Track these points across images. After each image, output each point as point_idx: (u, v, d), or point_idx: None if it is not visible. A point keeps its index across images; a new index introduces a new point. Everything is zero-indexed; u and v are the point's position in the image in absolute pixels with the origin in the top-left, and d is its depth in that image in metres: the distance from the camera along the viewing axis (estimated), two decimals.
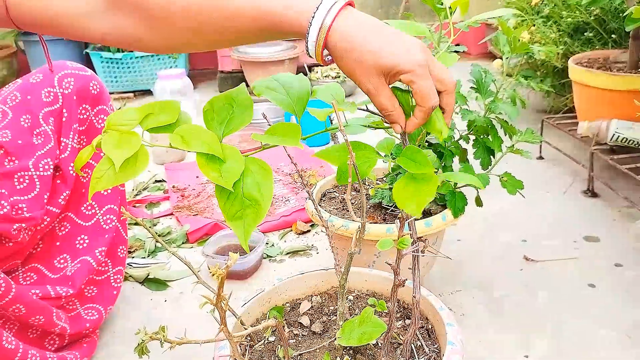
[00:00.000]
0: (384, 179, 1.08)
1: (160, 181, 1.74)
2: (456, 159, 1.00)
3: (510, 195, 0.95)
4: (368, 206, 1.06)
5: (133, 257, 1.28)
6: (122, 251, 1.00)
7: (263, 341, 0.72)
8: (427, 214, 1.00)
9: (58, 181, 0.89)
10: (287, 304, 0.80)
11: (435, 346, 0.70)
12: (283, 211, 1.46)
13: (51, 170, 0.86)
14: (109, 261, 0.99)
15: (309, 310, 0.78)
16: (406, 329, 0.73)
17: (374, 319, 0.62)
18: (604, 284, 1.10)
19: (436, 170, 1.04)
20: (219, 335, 0.58)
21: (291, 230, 1.39)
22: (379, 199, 1.03)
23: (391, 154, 0.66)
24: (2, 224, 0.76)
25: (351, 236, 0.94)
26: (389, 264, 0.59)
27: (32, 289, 0.81)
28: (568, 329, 0.98)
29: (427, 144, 0.99)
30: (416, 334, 0.71)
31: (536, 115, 2.02)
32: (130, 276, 1.18)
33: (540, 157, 1.74)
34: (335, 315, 0.76)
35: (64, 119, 0.89)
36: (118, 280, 1.00)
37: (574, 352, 0.92)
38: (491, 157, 0.96)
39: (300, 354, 0.70)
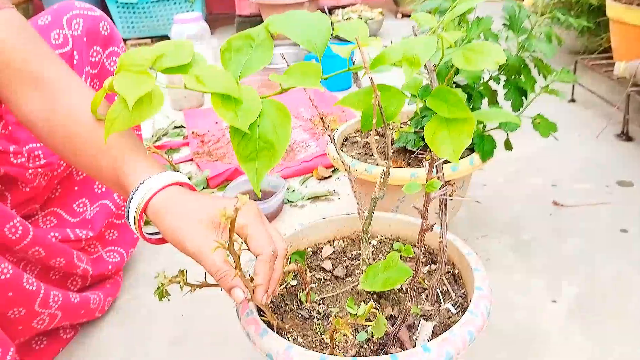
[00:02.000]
0: (409, 122, 1.04)
1: (179, 127, 1.72)
2: (485, 102, 0.95)
3: (539, 140, 0.91)
4: (392, 150, 1.02)
5: None
6: None
7: (284, 285, 0.71)
8: None
9: None
10: (309, 249, 0.79)
11: (462, 291, 0.68)
12: (304, 157, 1.44)
13: None
14: None
15: (331, 254, 0.77)
16: (431, 275, 0.71)
17: (399, 264, 0.60)
18: (638, 229, 1.06)
19: None
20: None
21: (312, 176, 1.37)
22: (404, 143, 0.99)
23: (419, 95, 0.62)
24: (18, 169, 0.75)
25: (374, 181, 0.91)
26: (416, 208, 0.56)
27: (52, 232, 0.81)
28: (599, 274, 0.95)
29: (454, 84, 0.95)
30: (442, 279, 0.69)
31: (568, 57, 1.93)
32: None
33: (572, 100, 1.66)
34: (358, 260, 0.75)
35: (75, 62, 0.86)
36: None
37: (606, 298, 0.90)
38: (523, 98, 0.91)
39: (322, 298, 0.69)
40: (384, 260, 0.62)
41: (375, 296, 0.68)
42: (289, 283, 0.71)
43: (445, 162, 0.96)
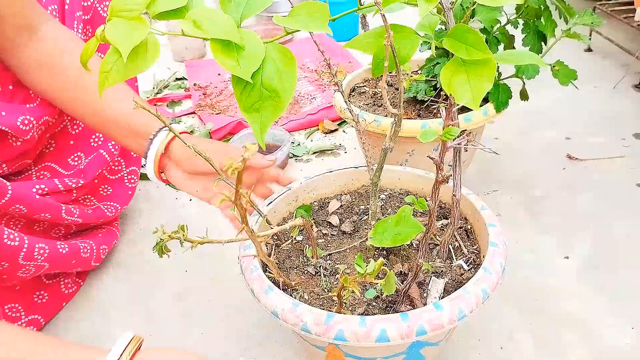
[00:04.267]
0: (419, 70, 0.99)
1: (181, 79, 1.67)
2: (501, 48, 0.90)
3: (554, 90, 0.86)
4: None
5: None
6: None
7: (290, 240, 0.69)
8: (466, 108, 0.92)
9: None
10: (315, 203, 0.76)
11: (475, 247, 0.65)
12: (309, 109, 1.39)
13: None
14: (122, 161, 0.96)
15: (338, 209, 0.74)
16: (443, 230, 0.68)
17: (410, 219, 0.58)
18: None
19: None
20: (243, 234, 0.54)
21: (318, 129, 1.33)
22: (414, 92, 0.95)
23: (434, 36, 0.57)
24: (9, 118, 0.72)
25: (383, 133, 0.88)
26: (432, 158, 0.52)
27: (37, 184, 0.78)
28: (613, 230, 0.92)
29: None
30: (454, 235, 0.67)
31: (586, 4, 1.84)
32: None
33: (589, 49, 1.59)
34: (367, 215, 0.72)
35: (66, 7, 0.81)
36: (132, 181, 0.98)
37: (619, 254, 0.87)
38: (542, 43, 0.86)
39: (329, 254, 0.67)
40: (394, 215, 0.59)
41: (384, 252, 0.65)
42: (295, 238, 0.69)
43: (460, 110, 0.91)
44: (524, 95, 0.90)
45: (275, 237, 0.69)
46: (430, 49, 0.93)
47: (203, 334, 0.79)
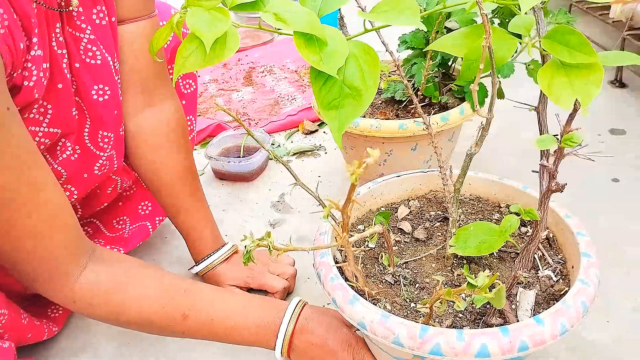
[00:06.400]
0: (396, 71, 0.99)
1: None
2: None
3: (531, 89, 0.86)
4: (379, 101, 0.98)
5: None
6: None
7: (362, 247, 0.65)
8: (443, 107, 0.92)
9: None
10: (382, 208, 0.73)
11: (559, 257, 0.62)
12: (289, 110, 1.39)
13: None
14: None
15: (407, 215, 0.71)
16: (522, 238, 0.66)
17: (492, 227, 0.55)
18: (630, 178, 1.04)
19: (455, 58, 0.94)
20: (321, 242, 0.55)
21: (298, 130, 1.32)
22: (392, 93, 0.95)
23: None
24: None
25: (361, 134, 0.88)
26: (545, 165, 0.50)
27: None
28: (591, 224, 0.93)
29: (445, 29, 0.89)
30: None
31: (562, 2, 1.86)
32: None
33: None
34: (439, 221, 0.69)
35: None
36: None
37: (598, 248, 0.88)
38: (518, 43, 0.86)
39: (405, 262, 0.63)
40: (475, 223, 0.58)
41: (464, 261, 0.62)
42: (368, 245, 0.66)
43: (438, 111, 0.92)
44: (500, 94, 0.91)
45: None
46: (409, 48, 0.94)
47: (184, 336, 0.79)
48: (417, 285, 0.60)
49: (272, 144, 1.26)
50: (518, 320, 0.54)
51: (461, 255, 0.62)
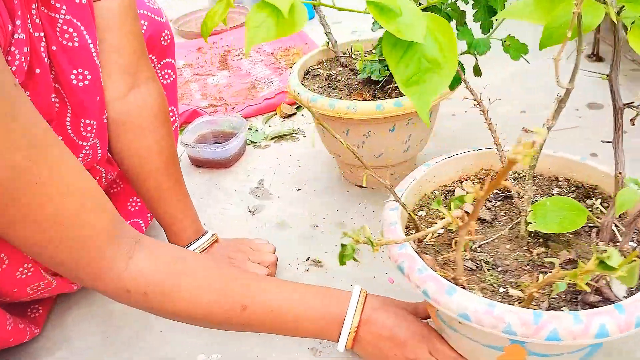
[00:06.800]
0: (373, 50, 0.97)
1: None
2: (452, 24, 0.89)
3: (509, 65, 0.86)
4: (356, 82, 0.96)
5: None
6: None
7: (431, 235, 0.63)
8: None
9: None
10: (437, 192, 0.70)
11: (636, 232, 0.59)
12: (266, 94, 1.37)
13: None
14: None
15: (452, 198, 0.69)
16: (591, 210, 0.63)
17: (570, 202, 0.53)
18: (608, 152, 1.04)
19: None
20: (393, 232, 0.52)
21: (276, 114, 1.30)
22: (368, 73, 0.93)
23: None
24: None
25: (338, 116, 0.86)
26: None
27: None
28: None
29: (419, 4, 0.87)
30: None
31: None
32: None
33: None
34: (498, 201, 0.67)
35: None
36: None
37: None
38: (494, 19, 0.85)
39: (480, 245, 0.61)
40: (552, 198, 0.55)
41: (540, 240, 0.60)
42: (436, 232, 0.63)
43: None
44: (476, 71, 0.90)
45: (414, 232, 0.64)
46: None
47: (162, 332, 0.77)
48: (500, 268, 0.58)
49: (249, 128, 1.24)
50: (616, 297, 0.52)
51: (535, 234, 0.60)
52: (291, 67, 0.90)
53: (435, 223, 0.63)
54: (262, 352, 0.73)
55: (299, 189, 1.04)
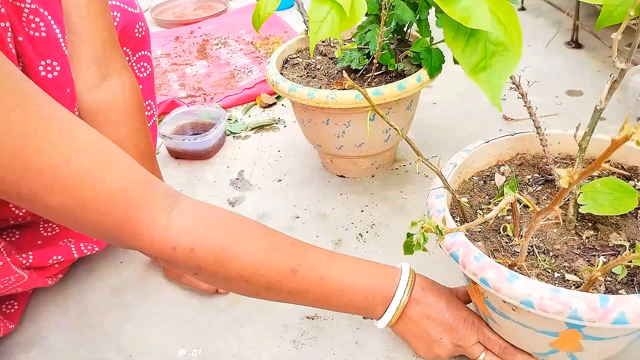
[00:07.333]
0: (352, 39, 0.96)
1: None
2: (432, 12, 0.88)
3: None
4: (335, 71, 0.95)
5: None
6: None
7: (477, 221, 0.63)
8: (400, 75, 0.90)
9: None
10: (475, 177, 0.70)
11: None
12: (246, 83, 1.35)
13: None
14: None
15: (506, 182, 0.68)
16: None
17: (621, 183, 0.52)
18: None
19: (410, 24, 0.92)
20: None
21: (255, 104, 1.29)
22: (347, 62, 0.92)
23: None
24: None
25: (317, 105, 0.85)
26: None
27: (56, 255, 0.76)
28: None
29: None
30: None
31: None
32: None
33: (522, 9, 1.61)
34: (539, 185, 0.67)
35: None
36: None
37: None
38: None
39: (527, 230, 0.62)
40: (602, 179, 0.54)
41: (589, 223, 0.59)
42: (490, 219, 0.63)
43: (394, 78, 0.90)
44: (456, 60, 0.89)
45: (459, 219, 0.63)
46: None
47: (141, 327, 0.76)
48: (551, 253, 0.57)
49: (229, 119, 1.22)
50: None
51: (582, 217, 0.59)
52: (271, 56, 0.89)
53: (482, 209, 0.64)
54: (242, 347, 0.72)
55: (280, 180, 1.03)
